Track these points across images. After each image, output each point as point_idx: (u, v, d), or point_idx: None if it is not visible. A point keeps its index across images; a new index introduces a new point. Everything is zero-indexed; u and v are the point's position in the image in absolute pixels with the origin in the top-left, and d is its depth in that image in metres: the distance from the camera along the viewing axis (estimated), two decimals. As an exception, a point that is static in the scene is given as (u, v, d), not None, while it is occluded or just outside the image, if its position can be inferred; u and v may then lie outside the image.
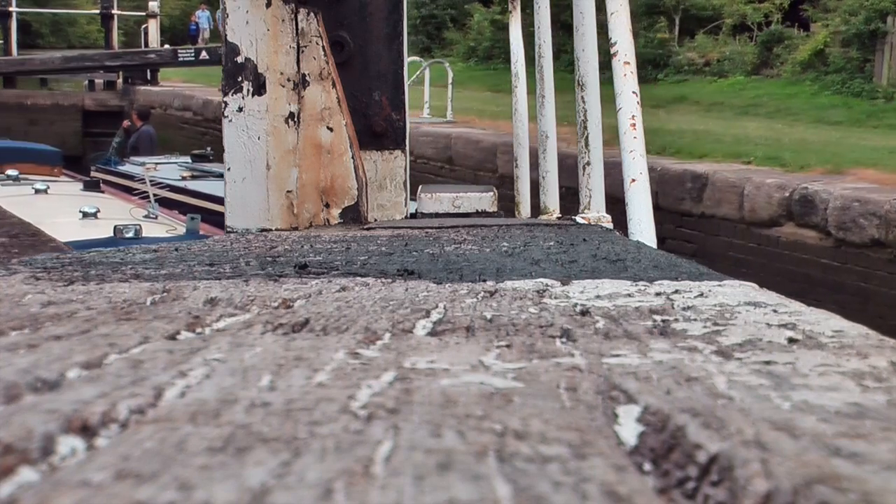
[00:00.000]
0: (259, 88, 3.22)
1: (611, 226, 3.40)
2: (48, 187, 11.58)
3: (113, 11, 26.73)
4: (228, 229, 3.23)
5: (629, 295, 1.48)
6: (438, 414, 0.77)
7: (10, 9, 26.53)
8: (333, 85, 3.33)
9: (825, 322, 1.22)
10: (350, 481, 0.61)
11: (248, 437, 0.70)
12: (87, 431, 0.72)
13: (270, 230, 3.16)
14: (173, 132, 22.56)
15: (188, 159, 15.31)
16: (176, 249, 2.18)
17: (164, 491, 0.59)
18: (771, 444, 0.69)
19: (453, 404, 0.81)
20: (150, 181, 11.45)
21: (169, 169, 14.06)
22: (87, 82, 26.72)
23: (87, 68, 24.16)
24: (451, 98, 16.69)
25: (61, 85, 28.13)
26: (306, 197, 3.30)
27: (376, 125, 3.58)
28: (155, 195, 10.88)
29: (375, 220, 3.54)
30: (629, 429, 0.75)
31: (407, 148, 3.68)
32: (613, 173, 3.56)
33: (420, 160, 14.39)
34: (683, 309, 1.34)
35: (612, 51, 3.27)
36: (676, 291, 1.51)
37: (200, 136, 21.35)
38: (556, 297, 1.46)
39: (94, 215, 9.54)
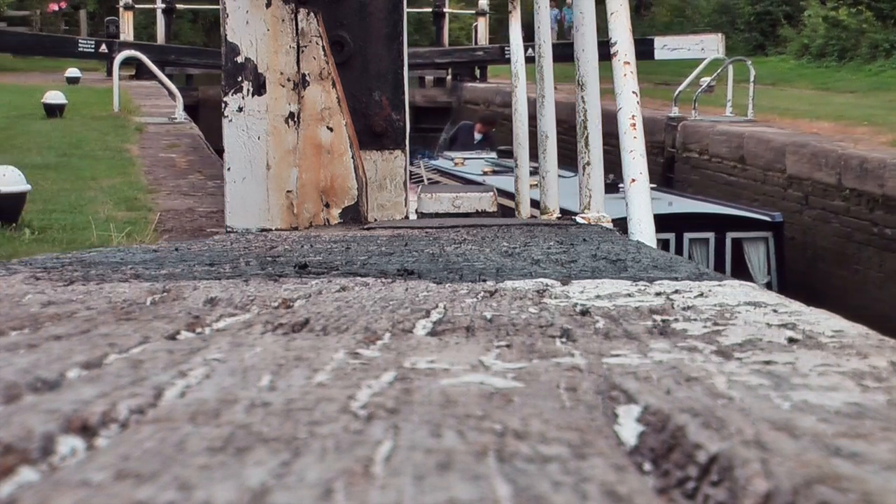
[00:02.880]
0: (259, 88, 3.23)
1: (611, 226, 3.40)
2: None
3: (444, 10, 26.80)
4: (228, 229, 3.23)
5: (629, 295, 1.48)
6: (438, 414, 0.77)
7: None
8: (333, 85, 3.33)
9: (825, 322, 1.22)
10: (350, 481, 0.61)
11: (248, 437, 0.70)
12: (87, 431, 0.71)
13: (270, 230, 3.16)
14: (496, 128, 22.56)
15: (495, 155, 15.44)
16: (176, 249, 2.18)
17: (164, 491, 0.59)
18: (771, 444, 0.69)
19: (453, 404, 0.81)
20: (427, 170, 11.56)
21: (475, 164, 14.36)
22: (417, 79, 26.70)
23: (418, 65, 24.21)
24: (751, 96, 16.38)
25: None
26: (306, 197, 3.30)
27: (376, 125, 3.58)
28: (429, 178, 11.01)
29: (375, 220, 3.54)
30: (629, 429, 0.75)
31: (407, 147, 3.68)
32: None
33: (714, 159, 14.17)
34: (683, 309, 1.34)
35: (612, 51, 3.27)
36: (676, 291, 1.50)
37: (515, 133, 21.14)
38: (556, 297, 1.46)
39: None
